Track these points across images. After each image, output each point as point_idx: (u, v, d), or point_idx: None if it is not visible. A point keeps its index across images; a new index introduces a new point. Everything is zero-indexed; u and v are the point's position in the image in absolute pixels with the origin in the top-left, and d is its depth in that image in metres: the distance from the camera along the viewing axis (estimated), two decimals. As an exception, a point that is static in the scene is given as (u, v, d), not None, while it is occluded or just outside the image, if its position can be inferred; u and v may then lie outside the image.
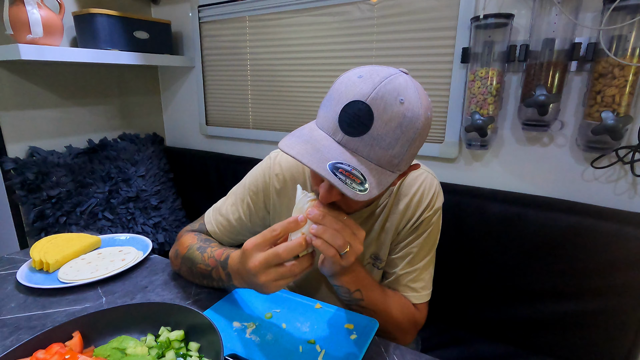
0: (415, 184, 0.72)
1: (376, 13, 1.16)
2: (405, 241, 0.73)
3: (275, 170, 0.78)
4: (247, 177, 0.82)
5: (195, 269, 0.70)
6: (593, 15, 0.89)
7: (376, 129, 0.49)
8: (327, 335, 0.60)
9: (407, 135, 0.50)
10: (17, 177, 1.19)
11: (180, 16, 1.59)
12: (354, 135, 0.49)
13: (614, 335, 0.88)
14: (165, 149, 1.70)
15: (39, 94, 1.32)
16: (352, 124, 0.49)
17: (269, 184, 0.78)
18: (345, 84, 0.52)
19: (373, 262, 0.77)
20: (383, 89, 0.49)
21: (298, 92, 1.37)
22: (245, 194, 0.80)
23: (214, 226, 0.80)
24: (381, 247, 0.75)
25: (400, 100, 0.49)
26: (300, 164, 0.76)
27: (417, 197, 0.72)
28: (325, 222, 0.51)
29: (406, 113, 0.49)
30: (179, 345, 0.53)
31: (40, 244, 0.81)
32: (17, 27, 1.07)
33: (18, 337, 0.58)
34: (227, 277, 0.63)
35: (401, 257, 0.74)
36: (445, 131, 1.12)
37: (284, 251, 0.50)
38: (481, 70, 0.97)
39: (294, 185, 0.78)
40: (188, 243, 0.74)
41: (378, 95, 0.49)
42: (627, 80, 0.83)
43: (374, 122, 0.48)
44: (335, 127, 0.50)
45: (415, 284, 0.73)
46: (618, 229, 0.86)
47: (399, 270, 0.73)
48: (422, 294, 0.73)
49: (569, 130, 0.97)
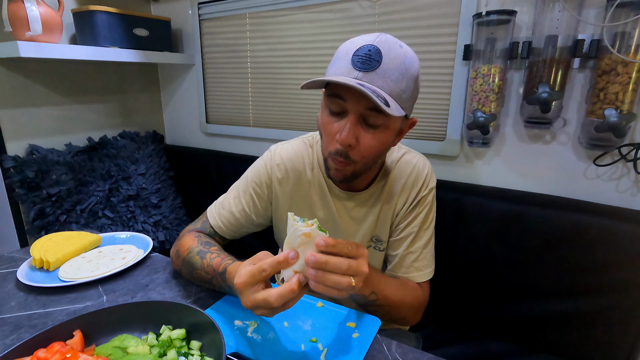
0: (409, 166, 0.78)
1: (377, 10, 1.16)
2: (405, 222, 0.78)
3: (276, 160, 0.81)
4: (248, 171, 0.84)
5: (195, 274, 0.70)
6: (596, 11, 0.88)
7: (386, 64, 0.57)
8: (329, 334, 0.60)
9: (409, 73, 0.60)
10: (16, 175, 1.19)
11: (180, 13, 1.58)
12: (368, 70, 0.57)
13: (617, 332, 0.88)
14: (166, 147, 1.69)
15: (39, 92, 1.31)
16: (365, 62, 0.57)
17: (271, 175, 0.80)
18: (348, 43, 0.61)
19: (374, 245, 0.81)
20: (383, 37, 0.59)
21: (298, 90, 1.37)
22: (248, 186, 0.82)
23: (217, 220, 0.81)
24: (382, 229, 0.79)
25: (400, 45, 0.60)
26: (299, 155, 0.81)
27: (412, 177, 0.77)
28: (329, 268, 0.48)
29: (406, 54, 0.60)
30: (181, 343, 0.53)
31: (40, 243, 0.81)
32: (16, 24, 1.07)
33: (19, 335, 0.58)
34: (228, 288, 0.64)
35: (402, 239, 0.77)
36: (447, 129, 1.11)
37: (275, 300, 0.48)
38: (483, 67, 0.97)
39: (295, 174, 0.80)
40: (188, 245, 0.74)
41: (381, 40, 0.59)
42: (630, 77, 0.82)
43: (383, 58, 0.57)
44: (349, 69, 0.58)
45: (419, 263, 0.77)
46: (621, 227, 0.86)
47: (401, 252, 0.77)
48: (425, 272, 0.77)
49: (572, 127, 0.97)
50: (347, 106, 0.60)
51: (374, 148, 0.63)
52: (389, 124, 0.62)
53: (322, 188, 0.80)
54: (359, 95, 0.57)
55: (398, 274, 0.78)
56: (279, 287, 0.49)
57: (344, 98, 0.60)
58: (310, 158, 0.81)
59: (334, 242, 0.49)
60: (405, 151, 0.81)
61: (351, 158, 0.63)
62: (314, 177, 0.80)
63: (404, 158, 0.79)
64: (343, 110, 0.61)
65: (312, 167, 0.80)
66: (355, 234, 0.80)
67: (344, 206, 0.79)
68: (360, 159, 0.64)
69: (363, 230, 0.80)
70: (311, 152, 0.81)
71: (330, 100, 0.62)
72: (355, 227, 0.80)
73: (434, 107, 1.13)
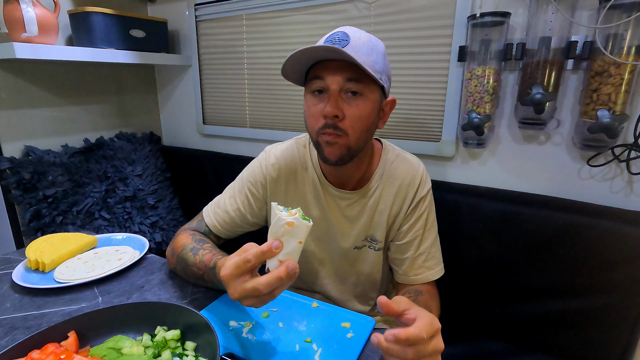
0: (404, 166, 0.80)
1: (373, 11, 1.16)
2: (408, 224, 0.80)
3: (271, 160, 0.83)
4: (244, 171, 0.86)
5: (188, 270, 0.71)
6: (589, 13, 0.89)
7: (354, 41, 0.65)
8: (324, 334, 0.60)
9: (377, 48, 0.67)
10: (12, 176, 1.19)
11: (176, 14, 1.58)
12: (340, 47, 0.62)
13: (611, 332, 0.89)
14: (162, 148, 1.69)
15: (35, 93, 1.31)
16: (335, 42, 0.65)
17: (266, 175, 0.82)
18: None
19: (369, 245, 0.82)
20: (347, 28, 0.68)
21: (295, 90, 1.37)
22: (243, 186, 0.84)
23: (213, 219, 0.82)
24: (376, 229, 0.81)
25: (363, 32, 0.68)
26: (293, 155, 0.83)
27: (407, 178, 0.79)
28: (408, 342, 0.45)
29: (370, 36, 0.68)
30: (175, 344, 0.53)
31: (36, 244, 0.81)
32: (11, 25, 1.07)
33: (13, 337, 0.58)
34: (219, 282, 0.63)
35: (409, 242, 0.80)
36: (442, 129, 1.12)
37: (264, 287, 0.47)
38: (478, 68, 0.97)
39: (289, 174, 0.82)
40: (182, 242, 0.75)
41: (346, 29, 0.68)
42: (623, 78, 0.83)
43: (350, 37, 0.65)
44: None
45: (429, 263, 0.80)
46: (614, 227, 0.86)
47: (411, 255, 0.80)
48: (437, 270, 0.81)
49: (565, 128, 0.98)
50: (327, 82, 0.66)
51: (360, 119, 0.67)
52: (367, 93, 0.67)
53: (315, 187, 0.81)
54: (336, 69, 0.65)
55: (411, 276, 0.80)
56: (267, 274, 0.49)
57: (323, 77, 0.66)
58: (303, 157, 0.83)
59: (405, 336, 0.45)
60: (400, 153, 0.83)
61: (341, 128, 0.67)
62: (307, 176, 0.82)
63: (398, 159, 0.81)
64: (324, 88, 0.67)
65: (306, 167, 0.82)
66: (349, 233, 0.82)
67: (338, 205, 0.81)
68: (351, 130, 0.67)
69: (357, 229, 0.81)
70: (304, 152, 0.83)
71: (311, 83, 0.69)
72: (348, 225, 0.81)
73: (430, 108, 1.14)
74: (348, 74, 0.65)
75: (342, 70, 0.65)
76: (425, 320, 0.47)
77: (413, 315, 0.48)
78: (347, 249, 0.83)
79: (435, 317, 0.49)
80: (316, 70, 0.68)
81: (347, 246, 0.82)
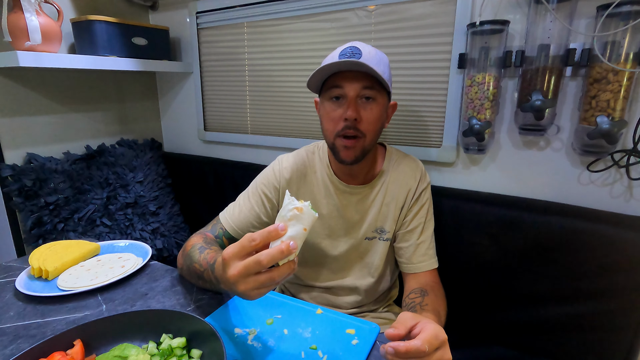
0: (407, 164, 0.91)
1: (373, 19, 1.18)
2: (411, 214, 0.89)
3: (284, 165, 0.92)
4: (257, 177, 0.94)
5: (191, 267, 0.72)
6: (587, 21, 0.91)
7: (365, 54, 0.74)
8: (329, 341, 0.61)
9: (384, 60, 0.78)
10: (14, 183, 1.19)
11: (178, 22, 1.60)
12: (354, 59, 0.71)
13: (612, 337, 0.89)
14: (164, 155, 1.70)
15: (37, 101, 1.31)
16: (350, 55, 0.73)
17: (280, 177, 0.90)
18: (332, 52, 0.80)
19: (379, 236, 0.90)
20: (356, 43, 0.78)
21: (296, 97, 1.38)
22: (257, 188, 0.91)
23: (228, 219, 0.88)
24: (385, 220, 0.89)
25: (370, 46, 0.78)
26: (303, 160, 0.92)
27: (410, 173, 0.89)
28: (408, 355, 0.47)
29: (377, 51, 0.78)
30: (181, 352, 0.53)
31: (39, 252, 0.81)
32: (15, 34, 1.07)
33: (17, 346, 0.58)
34: (215, 280, 0.63)
35: (412, 230, 0.88)
36: (443, 136, 1.13)
37: (265, 258, 0.47)
38: (478, 75, 0.98)
39: (301, 176, 0.91)
40: (193, 242, 0.78)
41: (356, 43, 0.77)
42: (621, 85, 0.84)
43: (362, 51, 0.74)
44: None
45: (431, 251, 0.89)
46: (614, 232, 0.87)
47: (414, 241, 0.88)
48: (435, 259, 0.89)
49: (565, 134, 0.99)
50: (345, 90, 0.76)
51: (374, 121, 0.78)
52: (378, 98, 0.78)
53: (326, 186, 0.90)
54: (352, 79, 0.75)
55: (415, 263, 0.87)
56: (269, 249, 0.49)
57: (341, 86, 0.76)
58: (312, 162, 0.92)
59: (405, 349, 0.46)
60: (401, 152, 0.94)
61: (360, 130, 0.77)
62: (317, 178, 0.91)
63: (400, 157, 0.92)
64: (342, 95, 0.77)
65: (316, 170, 0.91)
66: (361, 225, 0.90)
67: (348, 200, 0.89)
68: (367, 132, 0.78)
69: (367, 222, 0.89)
70: (313, 157, 0.93)
71: (330, 91, 0.78)
72: (359, 218, 0.90)
73: (430, 114, 1.15)
74: (364, 82, 0.75)
75: (358, 79, 0.75)
76: (429, 333, 0.48)
77: (419, 329, 0.50)
78: (359, 240, 0.90)
79: (441, 328, 0.50)
80: (335, 80, 0.77)
81: (358, 237, 0.90)
